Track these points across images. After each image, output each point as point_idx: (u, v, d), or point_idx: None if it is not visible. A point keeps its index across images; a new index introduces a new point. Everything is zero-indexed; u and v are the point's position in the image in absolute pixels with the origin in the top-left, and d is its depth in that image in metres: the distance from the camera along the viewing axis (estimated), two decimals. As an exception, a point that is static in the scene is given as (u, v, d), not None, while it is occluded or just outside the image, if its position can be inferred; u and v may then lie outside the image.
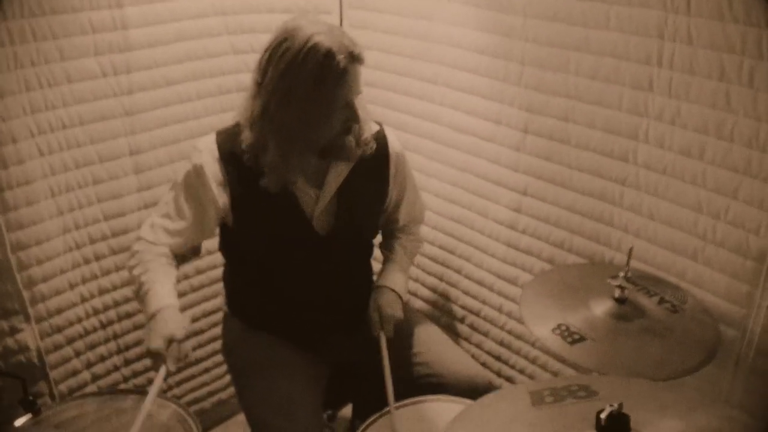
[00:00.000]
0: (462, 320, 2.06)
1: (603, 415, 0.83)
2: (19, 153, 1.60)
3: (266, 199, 1.51)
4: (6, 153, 1.57)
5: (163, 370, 1.37)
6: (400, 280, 1.73)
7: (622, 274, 1.38)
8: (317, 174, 1.54)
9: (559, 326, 1.35)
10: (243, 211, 1.53)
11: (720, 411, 0.93)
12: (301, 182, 1.53)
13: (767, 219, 1.32)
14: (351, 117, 1.47)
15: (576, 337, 1.32)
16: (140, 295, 1.49)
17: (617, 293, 1.39)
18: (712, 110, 1.36)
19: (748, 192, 1.34)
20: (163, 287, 1.48)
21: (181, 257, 1.61)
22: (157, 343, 1.37)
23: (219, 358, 2.25)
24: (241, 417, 2.35)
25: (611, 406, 0.83)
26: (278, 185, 1.49)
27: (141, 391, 1.56)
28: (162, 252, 1.54)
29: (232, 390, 2.33)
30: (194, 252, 1.66)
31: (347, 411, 1.92)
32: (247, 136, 1.47)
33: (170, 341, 1.38)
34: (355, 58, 1.40)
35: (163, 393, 1.61)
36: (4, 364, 1.71)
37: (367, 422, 1.46)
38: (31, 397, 1.53)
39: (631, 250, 1.39)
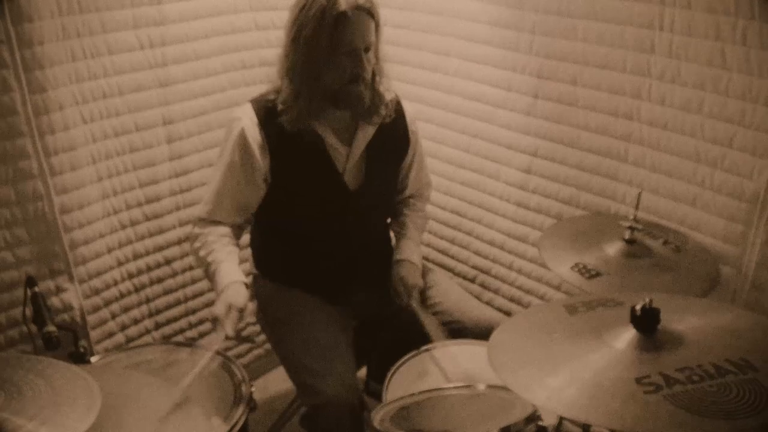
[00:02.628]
0: (473, 280, 2.20)
1: (637, 307, 0.97)
2: (65, 120, 1.70)
3: (302, 157, 1.63)
4: (54, 119, 1.67)
5: (222, 333, 1.50)
6: (416, 252, 1.86)
7: (631, 216, 1.53)
8: (348, 133, 1.67)
9: (576, 265, 1.49)
10: (281, 170, 1.64)
11: (732, 311, 1.08)
12: (333, 140, 1.65)
13: (759, 164, 1.48)
14: (356, 65, 1.54)
15: (593, 273, 1.47)
16: (209, 274, 1.64)
17: (627, 234, 1.53)
18: (709, 68, 1.51)
19: (742, 141, 1.49)
20: (230, 266, 1.62)
21: (238, 228, 1.74)
22: (219, 308, 1.52)
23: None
24: (261, 381, 2.47)
25: (643, 300, 0.97)
26: (294, 125, 1.59)
27: (192, 345, 1.68)
28: (223, 232, 1.67)
29: (249, 357, 2.44)
30: (249, 221, 1.78)
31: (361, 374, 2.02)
32: (277, 88, 1.62)
33: (230, 307, 1.51)
34: (359, 6, 1.50)
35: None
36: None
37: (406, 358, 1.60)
38: (82, 349, 1.64)
39: (639, 194, 1.53)
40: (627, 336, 0.98)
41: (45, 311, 1.57)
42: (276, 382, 2.42)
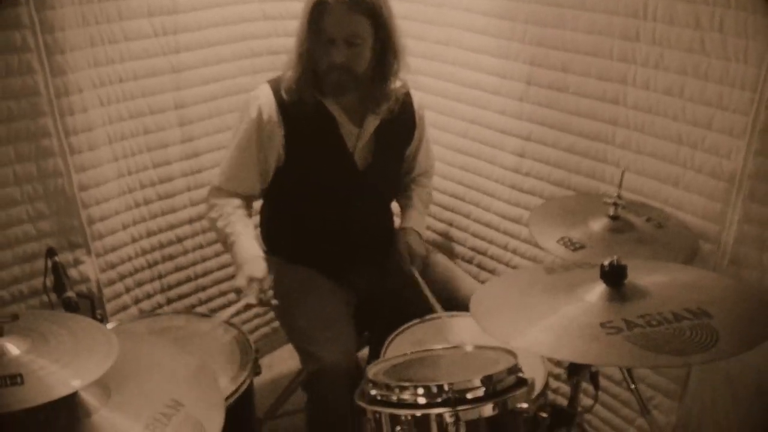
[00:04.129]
0: (470, 261, 2.29)
1: (606, 263, 1.07)
2: (84, 102, 1.81)
3: (315, 136, 1.75)
4: (73, 101, 1.78)
5: (242, 301, 1.63)
6: (421, 222, 1.98)
7: (615, 193, 1.62)
8: (358, 115, 1.79)
9: (562, 238, 1.58)
10: (295, 147, 1.76)
11: (696, 272, 1.17)
12: (345, 120, 1.76)
13: (737, 144, 1.56)
14: (331, 54, 1.65)
15: (577, 245, 1.56)
16: (227, 245, 1.77)
17: (611, 211, 1.62)
18: (689, 54, 1.59)
19: (721, 123, 1.58)
20: (248, 240, 1.75)
21: (250, 198, 1.86)
22: (241, 281, 1.65)
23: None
24: (267, 359, 2.58)
25: (611, 257, 1.07)
26: (295, 98, 1.71)
27: (211, 316, 1.80)
28: (238, 204, 1.80)
29: (256, 335, 2.54)
30: (260, 194, 1.89)
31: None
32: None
33: (251, 280, 1.64)
34: (340, 0, 1.61)
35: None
36: (67, 293, 1.91)
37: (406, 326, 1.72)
38: (99, 317, 1.74)
39: (623, 172, 1.62)
40: (597, 290, 1.08)
41: (65, 279, 1.67)
42: (281, 360, 2.53)
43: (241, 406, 1.59)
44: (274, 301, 1.67)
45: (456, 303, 1.84)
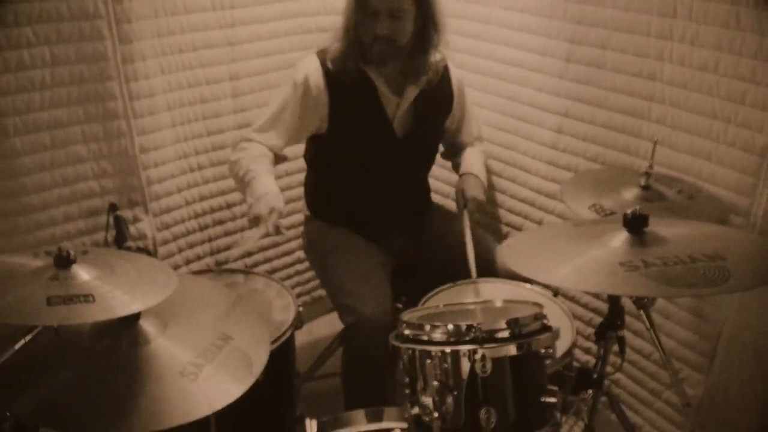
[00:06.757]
0: (505, 237, 2.36)
1: (628, 212, 1.13)
2: (147, 69, 1.95)
3: (357, 104, 1.85)
4: (137, 68, 1.92)
5: (262, 230, 1.68)
6: (480, 168, 2.05)
7: (647, 163, 1.67)
8: (399, 85, 1.88)
9: (594, 205, 1.64)
10: (337, 114, 1.86)
11: (717, 227, 1.23)
12: (385, 89, 1.86)
13: (769, 118, 1.60)
14: (375, 26, 1.75)
15: (608, 212, 1.61)
16: (245, 181, 1.80)
17: (643, 181, 1.68)
18: (725, 30, 1.63)
19: (754, 97, 1.62)
20: (269, 177, 1.81)
21: (277, 157, 1.92)
22: (262, 209, 1.69)
23: (292, 270, 2.59)
24: (306, 327, 2.67)
25: (634, 208, 1.14)
26: (339, 67, 1.81)
27: (271, 277, 1.88)
28: (266, 152, 1.87)
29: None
30: (283, 158, 1.99)
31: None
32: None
33: (272, 210, 1.70)
34: None
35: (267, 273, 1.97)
36: (126, 248, 2.05)
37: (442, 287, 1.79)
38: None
39: (655, 143, 1.67)
40: (620, 237, 1.15)
41: (126, 231, 1.81)
42: (319, 328, 2.64)
43: (283, 353, 1.70)
44: (285, 231, 1.71)
45: (489, 270, 1.91)
